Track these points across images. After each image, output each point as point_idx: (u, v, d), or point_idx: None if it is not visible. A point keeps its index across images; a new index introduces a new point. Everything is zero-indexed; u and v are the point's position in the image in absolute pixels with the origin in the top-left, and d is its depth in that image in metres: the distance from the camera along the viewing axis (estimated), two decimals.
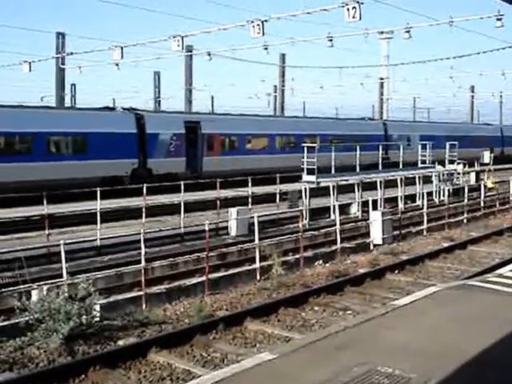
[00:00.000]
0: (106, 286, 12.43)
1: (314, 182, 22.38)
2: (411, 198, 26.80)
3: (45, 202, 17.08)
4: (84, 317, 9.93)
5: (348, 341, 7.31)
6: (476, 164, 37.44)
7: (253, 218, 15.96)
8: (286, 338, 9.79)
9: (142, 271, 12.19)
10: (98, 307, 10.58)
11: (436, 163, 29.85)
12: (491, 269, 13.83)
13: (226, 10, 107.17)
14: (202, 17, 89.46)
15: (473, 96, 67.66)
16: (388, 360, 6.59)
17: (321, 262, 16.03)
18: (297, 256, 15.62)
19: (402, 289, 13.08)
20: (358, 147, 25.46)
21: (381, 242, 18.22)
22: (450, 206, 23.56)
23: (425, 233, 20.62)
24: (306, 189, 22.25)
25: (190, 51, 33.77)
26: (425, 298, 9.30)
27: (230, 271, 14.56)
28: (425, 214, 21.34)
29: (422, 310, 8.64)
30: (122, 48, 26.72)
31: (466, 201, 24.69)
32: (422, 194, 24.88)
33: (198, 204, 22.41)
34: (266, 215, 18.93)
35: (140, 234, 12.62)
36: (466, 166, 33.49)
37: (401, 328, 7.77)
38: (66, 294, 10.10)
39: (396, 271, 14.66)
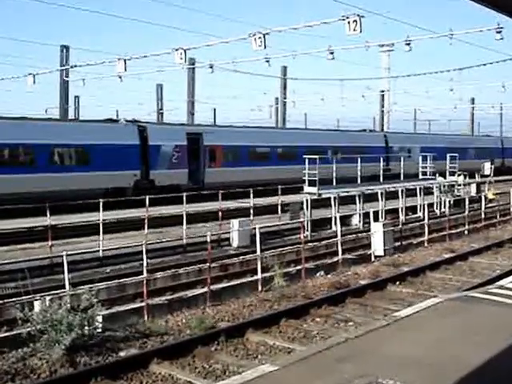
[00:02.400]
0: (108, 297, 12.48)
1: (315, 194, 22.45)
2: (412, 209, 26.83)
3: (48, 213, 17.16)
4: (86, 328, 9.97)
5: (349, 352, 7.33)
6: (477, 175, 37.48)
7: (254, 229, 16.01)
8: (288, 350, 9.80)
9: (144, 282, 12.23)
10: (100, 318, 10.60)
11: (437, 175, 29.91)
12: (492, 280, 13.86)
13: (228, 24, 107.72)
14: (205, 30, 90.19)
15: (473, 108, 67.82)
16: (389, 372, 6.61)
17: (322, 273, 16.07)
18: (298, 267, 15.66)
19: (404, 300, 13.10)
20: (359, 159, 25.56)
21: (382, 254, 18.25)
22: (451, 217, 23.59)
23: (426, 244, 20.65)
24: (307, 200, 22.32)
25: (193, 64, 33.97)
26: (426, 309, 9.32)
27: (232, 282, 14.60)
28: (426, 225, 21.38)
29: (423, 322, 8.66)
30: (125, 61, 26.93)
31: (466, 212, 24.72)
32: (423, 205, 24.94)
33: (200, 215, 22.46)
34: (267, 226, 18.98)
35: (142, 245, 12.67)
36: (467, 178, 33.53)
37: (402, 339, 7.80)
38: (69, 305, 10.13)
39: (397, 282, 14.69)
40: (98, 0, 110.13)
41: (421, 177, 29.48)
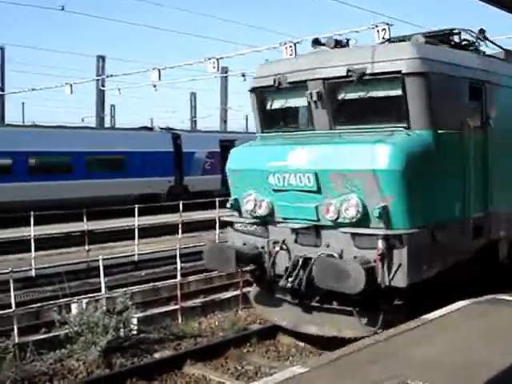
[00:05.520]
0: (143, 300, 12.70)
1: None
2: None
3: (85, 219, 17.56)
4: (121, 330, 10.20)
5: (378, 354, 7.34)
6: None
7: None
8: (319, 352, 9.86)
9: (178, 286, 12.42)
10: (135, 321, 10.83)
11: None
12: None
13: (260, 33, 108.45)
14: (237, 39, 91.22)
15: None
16: (418, 373, 6.62)
17: None
18: None
19: None
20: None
21: None
22: None
23: None
24: None
25: (225, 72, 34.31)
26: (454, 311, 9.26)
27: None
28: None
29: (451, 324, 8.61)
30: (159, 70, 27.36)
31: None
32: None
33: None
34: None
35: (176, 249, 12.89)
36: None
37: (430, 342, 7.78)
38: (104, 308, 10.38)
39: None
40: (133, 11, 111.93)
41: None
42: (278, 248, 9.51)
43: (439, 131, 8.88)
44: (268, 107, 10.46)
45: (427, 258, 8.77)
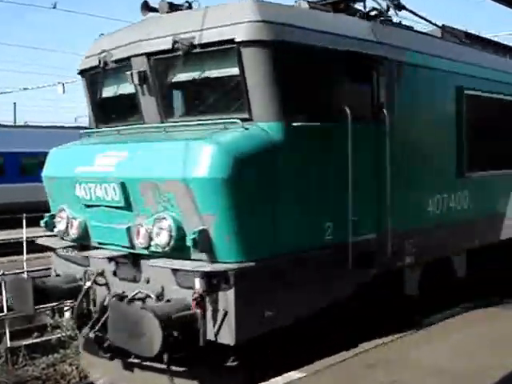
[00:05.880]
0: None
1: None
2: None
3: None
4: None
5: (379, 359, 7.25)
6: None
7: None
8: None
9: None
10: None
11: None
12: None
13: None
14: None
15: None
16: (418, 379, 6.53)
17: None
18: None
19: None
20: None
21: None
22: None
23: None
24: None
25: None
26: (457, 316, 9.17)
27: None
28: None
29: (453, 329, 8.52)
30: None
31: None
32: None
33: None
34: None
35: None
36: None
37: (432, 346, 7.69)
38: None
39: None
40: (128, 9, 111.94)
41: None
42: (89, 283, 7.15)
43: (294, 124, 6.50)
44: (98, 94, 8.13)
45: (272, 301, 6.35)
